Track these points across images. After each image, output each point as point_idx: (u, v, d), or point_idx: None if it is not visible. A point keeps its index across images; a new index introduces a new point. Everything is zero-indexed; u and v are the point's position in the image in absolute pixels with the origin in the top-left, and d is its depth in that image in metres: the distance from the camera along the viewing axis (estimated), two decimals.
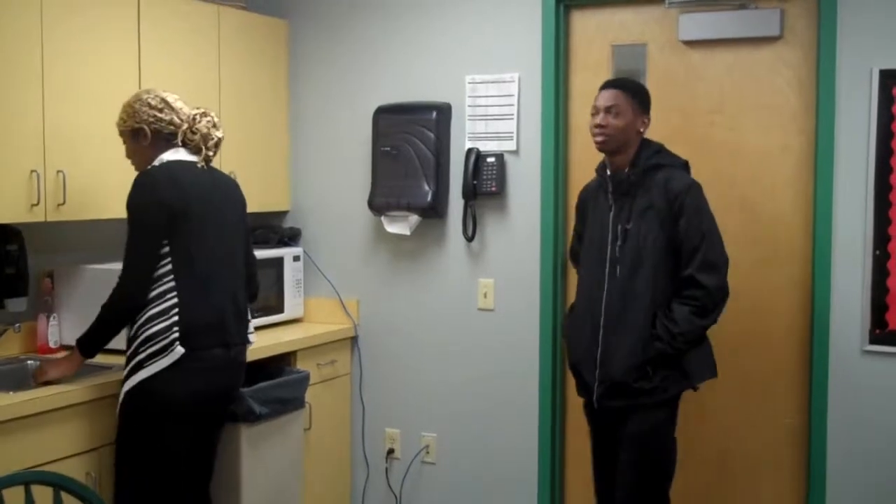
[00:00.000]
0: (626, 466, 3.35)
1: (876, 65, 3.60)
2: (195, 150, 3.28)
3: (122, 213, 3.27)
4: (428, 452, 4.42)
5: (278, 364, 4.04)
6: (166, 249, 3.12)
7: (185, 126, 3.27)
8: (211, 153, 3.32)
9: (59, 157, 3.39)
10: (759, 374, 3.92)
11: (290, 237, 4.59)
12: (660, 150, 3.40)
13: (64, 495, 2.26)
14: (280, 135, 4.60)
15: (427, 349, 4.41)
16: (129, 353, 3.12)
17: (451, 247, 4.34)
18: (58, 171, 3.39)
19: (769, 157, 3.87)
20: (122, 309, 3.15)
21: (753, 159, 3.90)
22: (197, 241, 3.18)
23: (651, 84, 4.03)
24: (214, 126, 3.33)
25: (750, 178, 3.90)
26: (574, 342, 3.49)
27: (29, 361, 3.60)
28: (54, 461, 3.04)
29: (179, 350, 3.08)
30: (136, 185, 3.16)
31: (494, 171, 4.16)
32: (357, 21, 4.50)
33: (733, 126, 3.92)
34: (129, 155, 3.31)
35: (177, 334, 3.08)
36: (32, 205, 3.36)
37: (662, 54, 4.02)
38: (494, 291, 4.26)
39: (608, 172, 3.41)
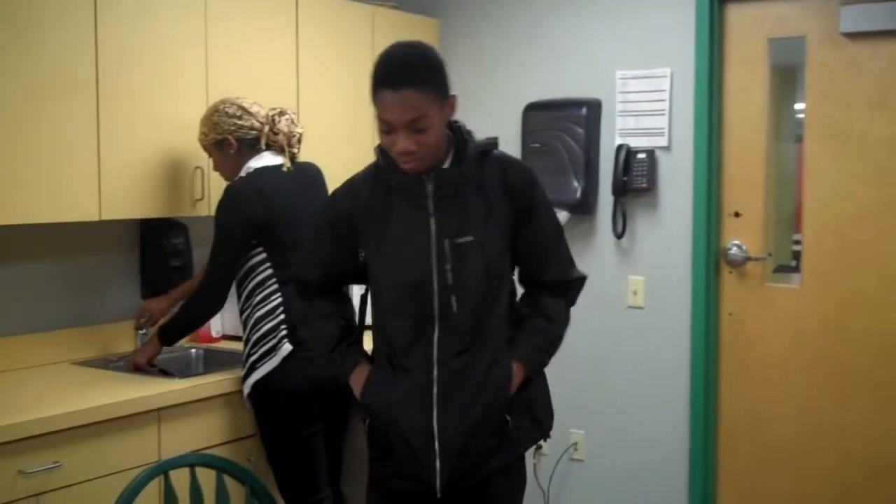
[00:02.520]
0: None
1: None
2: (279, 151, 3.30)
3: None
4: (576, 449, 4.41)
5: None
6: (263, 256, 3.18)
7: (266, 128, 3.28)
8: (295, 150, 3.34)
9: None
10: None
11: None
12: (470, 131, 2.50)
13: (226, 478, 2.36)
14: None
15: (575, 346, 4.34)
16: (244, 354, 3.21)
17: (600, 243, 4.31)
18: None
19: None
20: (202, 311, 3.30)
21: None
22: (294, 242, 3.17)
23: (809, 78, 3.92)
24: (293, 123, 3.34)
25: None
26: (390, 417, 2.45)
27: (192, 350, 3.78)
28: (217, 445, 3.18)
29: (288, 347, 3.14)
30: (225, 199, 3.19)
31: (645, 168, 4.12)
32: (507, 18, 4.53)
33: None
34: (216, 166, 3.36)
35: (285, 331, 3.14)
36: (196, 200, 3.51)
37: (822, 47, 3.89)
38: (645, 289, 4.22)
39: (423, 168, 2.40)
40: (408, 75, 2.27)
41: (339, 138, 4.07)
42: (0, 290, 3.32)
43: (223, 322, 3.89)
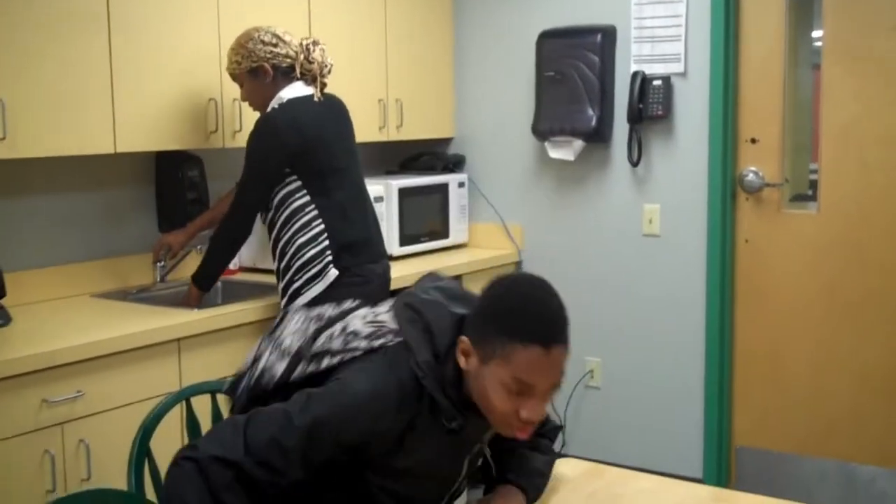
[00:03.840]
0: None
1: None
2: (311, 81, 3.28)
3: None
4: (592, 377, 4.44)
5: None
6: (298, 184, 3.19)
7: (301, 57, 3.26)
8: (326, 81, 3.32)
9: (235, 85, 3.51)
10: None
11: (455, 164, 4.65)
12: None
13: None
14: (444, 62, 4.64)
15: (591, 274, 4.41)
16: (283, 283, 3.23)
17: (615, 172, 4.30)
18: (234, 100, 3.52)
19: None
20: (229, 244, 3.29)
21: None
22: (329, 171, 3.23)
23: (827, 1, 3.87)
24: (325, 52, 3.32)
25: None
26: None
27: None
28: None
29: (333, 272, 3.18)
30: (258, 131, 3.19)
31: (661, 95, 4.08)
32: None
33: None
34: (247, 96, 3.31)
35: (330, 257, 3.19)
36: (211, 132, 3.51)
37: None
38: (660, 217, 4.21)
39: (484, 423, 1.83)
40: (563, 331, 1.75)
41: (350, 72, 4.04)
42: (19, 223, 3.34)
43: (239, 254, 3.90)
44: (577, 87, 4.20)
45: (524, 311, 1.74)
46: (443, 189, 4.47)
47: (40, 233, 3.41)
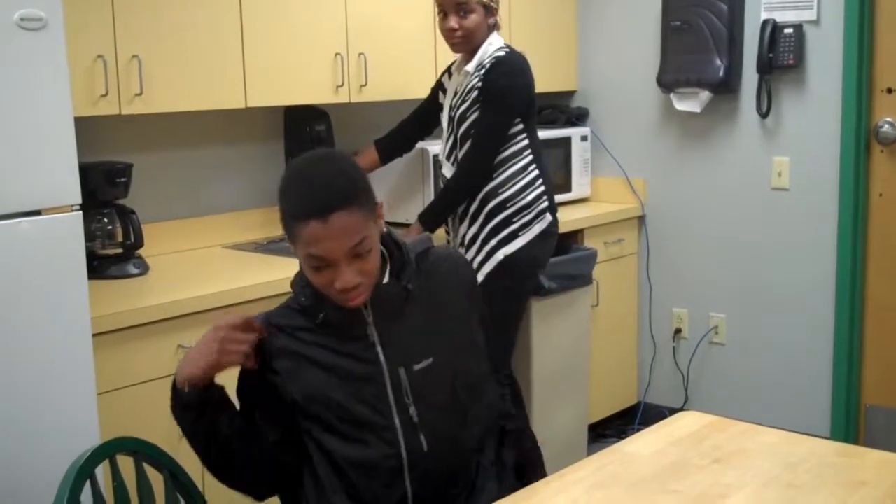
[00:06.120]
0: None
1: None
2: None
3: (420, 93, 3.43)
4: (717, 333, 4.38)
5: (566, 241, 4.10)
6: (520, 126, 3.26)
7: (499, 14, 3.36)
8: None
9: (360, 40, 3.55)
10: None
11: (578, 117, 4.61)
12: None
13: None
14: (567, 14, 4.59)
15: (717, 229, 4.34)
16: (491, 225, 3.25)
17: (743, 123, 4.20)
18: (359, 54, 3.57)
19: None
20: (471, 186, 3.27)
21: None
22: (535, 117, 3.37)
23: None
24: None
25: None
26: None
27: None
28: None
29: (549, 217, 3.30)
30: (506, 72, 3.22)
31: (792, 43, 3.96)
32: None
33: None
34: (474, 27, 3.23)
35: (546, 203, 3.29)
36: (337, 86, 3.56)
37: None
38: (790, 170, 4.10)
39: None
40: (333, 196, 1.78)
41: None
42: (155, 177, 3.46)
43: None
44: (705, 36, 4.10)
45: (291, 191, 1.84)
46: (565, 143, 4.44)
47: (175, 186, 3.53)
